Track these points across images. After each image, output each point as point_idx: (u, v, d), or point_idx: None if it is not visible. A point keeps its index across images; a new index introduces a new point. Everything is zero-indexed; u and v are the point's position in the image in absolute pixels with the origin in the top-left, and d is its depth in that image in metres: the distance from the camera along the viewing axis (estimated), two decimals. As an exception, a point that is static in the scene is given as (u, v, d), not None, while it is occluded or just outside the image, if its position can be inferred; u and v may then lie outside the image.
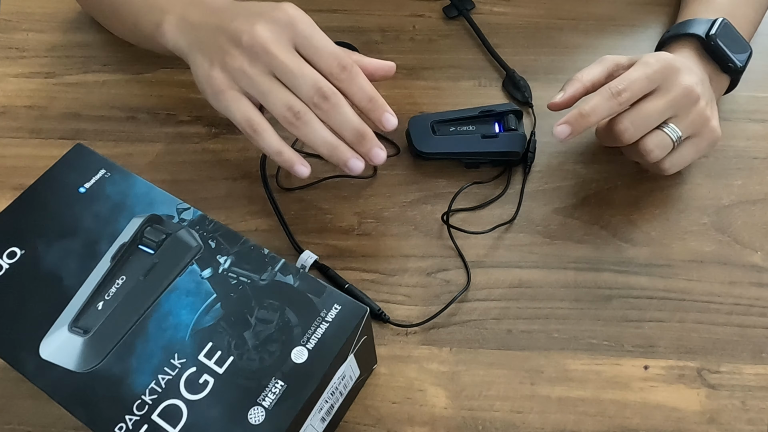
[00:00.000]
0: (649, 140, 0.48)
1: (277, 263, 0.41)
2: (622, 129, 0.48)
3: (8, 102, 0.62)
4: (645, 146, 0.49)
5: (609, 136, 0.51)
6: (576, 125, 0.48)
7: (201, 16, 0.50)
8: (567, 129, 0.49)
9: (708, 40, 0.52)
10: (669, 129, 0.49)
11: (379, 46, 0.64)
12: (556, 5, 0.66)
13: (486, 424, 0.46)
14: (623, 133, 0.48)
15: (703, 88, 0.50)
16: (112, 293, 0.40)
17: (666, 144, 0.49)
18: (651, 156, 0.49)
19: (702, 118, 0.49)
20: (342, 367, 0.40)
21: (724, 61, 0.52)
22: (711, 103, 0.51)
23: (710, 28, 0.52)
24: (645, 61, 0.49)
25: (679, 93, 0.48)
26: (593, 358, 0.48)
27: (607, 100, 0.48)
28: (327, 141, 0.46)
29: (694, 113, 0.49)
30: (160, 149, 0.59)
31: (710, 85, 0.52)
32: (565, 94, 0.51)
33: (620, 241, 0.53)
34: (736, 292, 0.50)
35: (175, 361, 0.38)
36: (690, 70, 0.50)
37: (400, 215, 0.55)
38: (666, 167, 0.51)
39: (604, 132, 0.52)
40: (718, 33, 0.52)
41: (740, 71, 0.53)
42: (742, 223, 0.53)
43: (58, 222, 0.43)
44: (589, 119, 0.48)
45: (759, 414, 0.46)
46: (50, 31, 0.66)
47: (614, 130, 0.49)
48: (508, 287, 0.51)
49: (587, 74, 0.51)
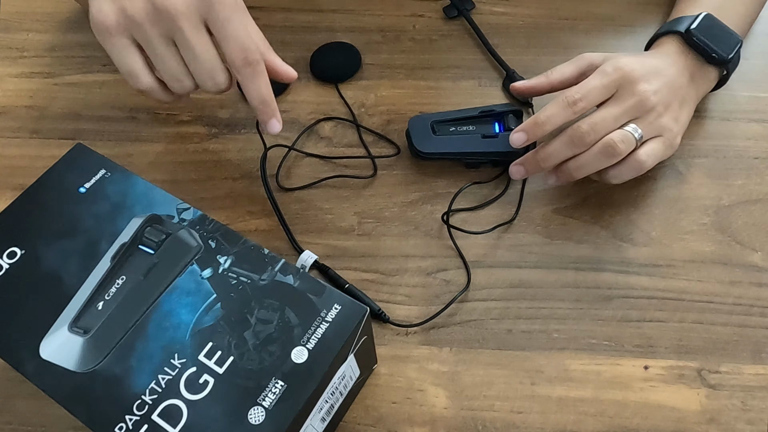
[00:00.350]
0: (614, 134, 0.49)
1: (277, 263, 0.41)
2: (583, 131, 0.49)
3: (8, 102, 0.62)
4: (610, 139, 0.49)
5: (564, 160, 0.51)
6: (531, 133, 0.51)
7: None
8: (523, 136, 0.51)
9: (688, 35, 0.53)
10: (630, 128, 0.50)
11: (380, 46, 0.64)
12: (556, 5, 0.66)
13: (486, 424, 0.46)
14: (585, 136, 0.49)
15: (665, 94, 0.51)
16: (112, 293, 0.40)
17: (629, 139, 0.49)
18: (617, 149, 0.49)
19: (657, 124, 0.50)
20: (342, 367, 0.40)
21: (707, 53, 0.53)
22: (679, 106, 0.52)
23: (691, 23, 0.53)
24: (602, 69, 0.51)
25: (633, 101, 0.50)
26: (593, 358, 0.48)
27: (563, 109, 0.50)
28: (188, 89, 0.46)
29: (650, 119, 0.50)
30: (160, 149, 0.59)
31: (691, 82, 0.53)
32: (528, 83, 0.56)
33: (620, 241, 0.53)
34: (736, 292, 0.50)
35: (175, 361, 0.38)
36: (649, 77, 0.50)
37: (401, 215, 0.55)
38: (641, 158, 0.50)
39: (557, 171, 0.52)
40: (698, 27, 0.53)
41: (727, 61, 0.53)
42: (742, 223, 0.53)
43: (58, 222, 0.43)
44: (544, 127, 0.51)
45: (759, 414, 0.46)
46: (50, 31, 0.66)
47: (575, 134, 0.49)
48: (508, 287, 0.51)
49: (558, 72, 0.55)
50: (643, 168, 0.50)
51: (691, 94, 0.53)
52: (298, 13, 0.66)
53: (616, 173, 0.51)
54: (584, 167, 0.50)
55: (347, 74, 0.62)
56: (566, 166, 0.51)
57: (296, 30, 0.65)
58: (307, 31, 0.65)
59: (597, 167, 0.50)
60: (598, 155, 0.49)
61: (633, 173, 0.51)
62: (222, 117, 0.60)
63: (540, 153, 0.51)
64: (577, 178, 0.51)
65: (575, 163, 0.50)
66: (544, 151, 0.51)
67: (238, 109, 0.61)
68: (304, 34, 0.65)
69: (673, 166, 0.56)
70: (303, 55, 0.63)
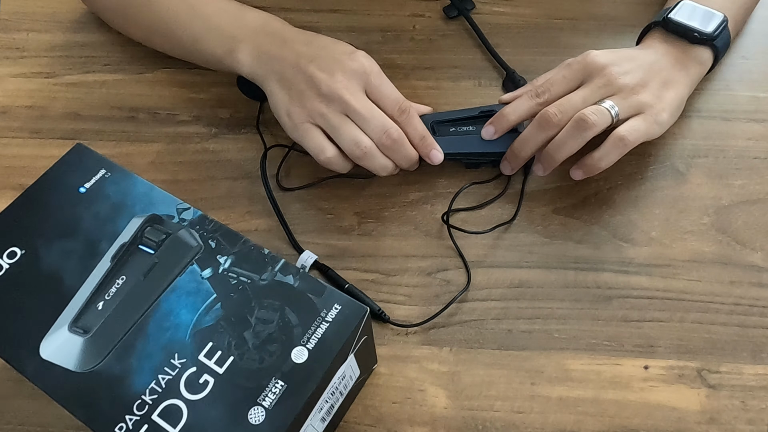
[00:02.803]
0: (586, 109, 0.50)
1: (277, 263, 0.41)
2: (550, 112, 0.51)
3: (8, 102, 0.62)
4: (582, 113, 0.49)
5: (542, 144, 0.52)
6: (498, 125, 0.54)
7: (276, 48, 0.53)
8: (491, 129, 0.54)
9: (664, 22, 0.54)
10: (605, 104, 0.50)
11: (380, 46, 0.64)
12: (556, 5, 0.66)
13: (486, 425, 0.46)
14: (552, 117, 0.50)
15: (639, 75, 0.52)
16: (112, 293, 0.40)
17: (602, 112, 0.50)
18: (589, 120, 0.49)
19: (635, 101, 0.51)
20: (342, 367, 0.40)
21: (688, 33, 0.53)
22: (662, 86, 0.52)
23: (668, 12, 0.54)
24: (567, 62, 0.53)
25: (601, 82, 0.51)
26: (593, 358, 0.48)
27: (528, 100, 0.53)
28: (386, 167, 0.52)
29: (624, 95, 0.51)
30: (160, 149, 0.59)
31: (675, 64, 0.53)
32: (511, 95, 0.56)
33: (620, 241, 0.53)
34: (736, 292, 0.50)
35: (176, 361, 0.38)
36: (619, 62, 0.52)
37: (400, 215, 0.55)
38: (621, 134, 0.50)
39: (539, 159, 0.53)
40: (676, 12, 0.54)
41: (713, 38, 0.53)
42: (742, 223, 0.53)
43: (59, 222, 0.43)
44: (509, 117, 0.53)
45: (759, 414, 0.46)
46: (50, 31, 0.66)
47: (542, 116, 0.51)
48: (508, 287, 0.51)
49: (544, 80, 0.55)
50: (626, 144, 0.50)
51: (676, 76, 0.53)
52: (298, 12, 0.66)
53: (601, 154, 0.51)
54: (562, 147, 0.51)
55: (347, 74, 0.62)
56: (545, 150, 0.52)
57: (296, 30, 0.65)
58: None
59: (574, 144, 0.50)
60: (572, 131, 0.50)
61: (617, 151, 0.50)
62: (222, 117, 0.60)
63: (515, 143, 0.53)
64: (559, 160, 0.52)
65: (552, 144, 0.51)
66: (518, 140, 0.53)
67: (239, 109, 0.61)
68: (304, 34, 0.65)
69: (673, 166, 0.56)
70: (303, 55, 0.63)
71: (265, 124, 0.59)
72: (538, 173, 0.54)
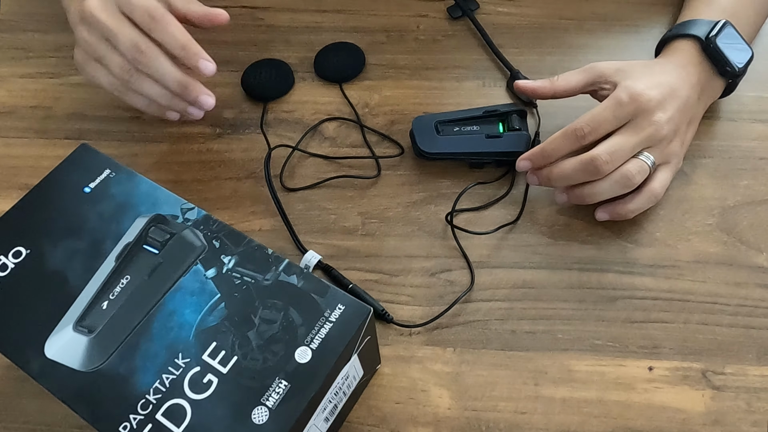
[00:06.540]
0: (630, 165, 0.49)
1: (280, 263, 0.41)
2: (602, 160, 0.48)
3: (14, 102, 0.62)
4: (628, 171, 0.49)
5: (576, 185, 0.51)
6: (536, 162, 0.52)
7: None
8: (528, 164, 0.52)
9: (707, 42, 0.52)
10: (643, 156, 0.49)
11: (384, 46, 0.64)
12: (561, 5, 0.65)
13: (490, 425, 0.46)
14: (603, 166, 0.48)
15: (677, 119, 0.50)
16: (116, 293, 0.40)
17: (644, 169, 0.49)
18: (634, 180, 0.49)
19: (667, 151, 0.50)
20: (345, 367, 0.40)
21: (721, 65, 0.52)
22: (687, 126, 0.52)
23: (711, 30, 0.52)
24: (618, 98, 0.49)
25: (649, 132, 0.49)
26: (597, 359, 0.48)
27: (572, 142, 0.50)
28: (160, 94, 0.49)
29: (661, 147, 0.50)
30: (164, 149, 0.59)
31: (700, 97, 0.52)
32: (532, 84, 0.55)
33: (625, 241, 0.52)
34: (741, 293, 0.50)
35: (179, 360, 0.38)
36: (665, 104, 0.49)
37: (404, 215, 0.55)
38: (656, 190, 0.50)
39: (569, 191, 0.52)
40: (718, 35, 0.52)
41: (738, 74, 0.53)
42: (747, 224, 0.53)
43: (63, 222, 0.43)
44: (550, 158, 0.51)
45: (764, 416, 0.45)
46: (55, 32, 0.66)
47: (594, 164, 0.48)
48: (512, 288, 0.51)
49: (564, 80, 0.54)
50: (658, 198, 0.51)
51: (698, 111, 0.53)
52: (303, 13, 0.66)
53: (634, 207, 0.51)
54: (600, 195, 0.50)
55: (351, 74, 0.62)
56: (581, 191, 0.51)
57: (301, 30, 0.65)
58: (312, 32, 0.65)
59: (611, 195, 0.50)
60: (614, 185, 0.49)
61: (649, 204, 0.51)
62: (226, 117, 0.60)
63: (554, 173, 0.51)
64: (589, 203, 0.51)
65: (591, 189, 0.50)
66: (560, 172, 0.50)
67: (243, 110, 0.61)
68: (308, 34, 0.65)
69: (677, 166, 0.55)
70: (307, 55, 0.63)
71: (269, 125, 0.59)
72: (559, 200, 0.53)
